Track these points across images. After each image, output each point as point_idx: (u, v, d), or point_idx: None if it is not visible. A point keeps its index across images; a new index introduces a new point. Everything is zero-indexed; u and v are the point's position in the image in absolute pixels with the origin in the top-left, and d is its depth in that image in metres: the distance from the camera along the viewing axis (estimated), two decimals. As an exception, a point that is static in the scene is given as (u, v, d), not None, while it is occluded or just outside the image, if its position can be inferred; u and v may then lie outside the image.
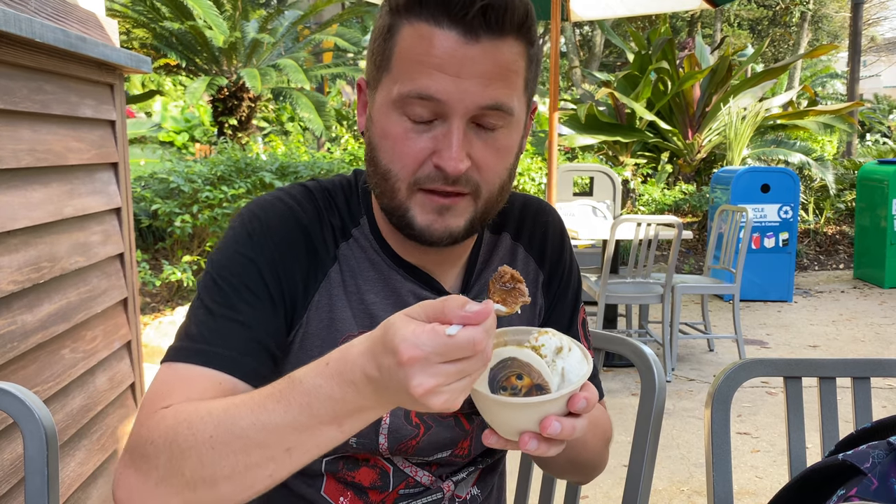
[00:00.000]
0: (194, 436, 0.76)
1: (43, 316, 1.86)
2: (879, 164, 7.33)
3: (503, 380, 0.74)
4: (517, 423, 0.74)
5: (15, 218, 1.74)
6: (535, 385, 0.74)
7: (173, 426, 0.79)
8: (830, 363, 1.21)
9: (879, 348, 5.17)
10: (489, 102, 0.86)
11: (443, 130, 0.87)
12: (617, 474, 3.05)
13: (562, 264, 1.10)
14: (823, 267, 8.10)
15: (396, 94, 0.87)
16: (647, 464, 1.18)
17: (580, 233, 4.73)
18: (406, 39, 0.87)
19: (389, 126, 0.89)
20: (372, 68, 0.92)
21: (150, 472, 0.78)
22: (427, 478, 1.03)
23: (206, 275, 0.93)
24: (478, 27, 0.84)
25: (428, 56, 0.85)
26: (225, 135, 10.36)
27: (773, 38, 24.06)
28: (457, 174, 0.86)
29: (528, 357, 0.75)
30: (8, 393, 1.04)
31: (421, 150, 0.88)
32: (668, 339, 4.53)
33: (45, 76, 1.93)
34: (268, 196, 0.99)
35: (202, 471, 0.75)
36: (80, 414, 2.06)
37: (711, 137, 9.14)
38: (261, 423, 0.74)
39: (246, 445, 0.74)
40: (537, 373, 0.75)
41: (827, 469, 0.84)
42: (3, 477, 1.65)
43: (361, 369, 0.70)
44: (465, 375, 0.67)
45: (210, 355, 0.86)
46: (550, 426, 0.72)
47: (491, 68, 0.85)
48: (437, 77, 0.84)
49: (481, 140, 0.89)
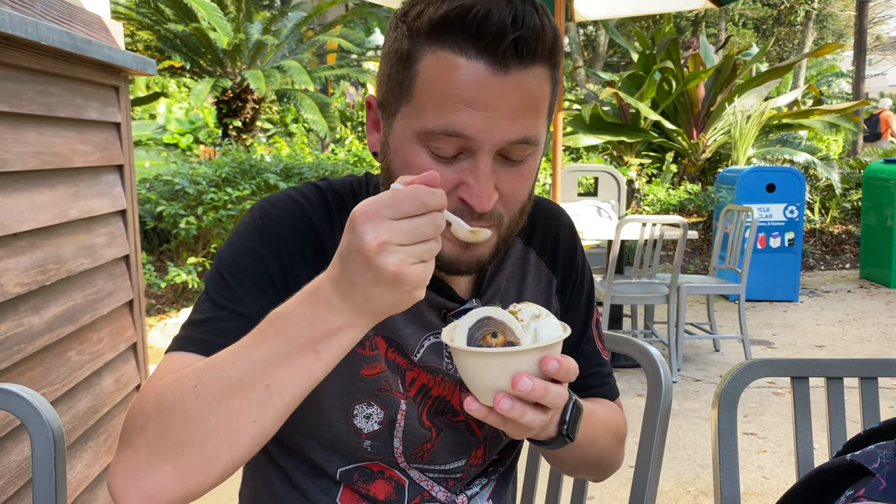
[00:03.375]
0: (179, 390, 0.75)
1: (49, 318, 1.86)
2: (885, 163, 7.30)
3: (479, 339, 0.76)
4: (489, 378, 0.76)
5: (21, 220, 1.75)
6: (509, 342, 0.75)
7: (160, 390, 0.77)
8: (838, 363, 1.21)
9: (886, 348, 5.15)
10: (518, 137, 0.83)
11: (469, 165, 0.84)
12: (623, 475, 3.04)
13: (574, 268, 1.09)
14: (829, 267, 8.07)
15: (420, 128, 0.83)
16: (653, 464, 1.17)
17: (585, 233, 4.73)
18: (430, 69, 0.82)
19: (411, 158, 0.85)
20: (388, 94, 0.88)
21: (141, 444, 0.76)
22: (443, 493, 1.01)
23: (213, 268, 0.92)
24: (508, 59, 0.80)
25: (455, 89, 0.80)
26: (229, 136, 10.38)
27: (777, 37, 24.01)
28: (485, 211, 0.84)
29: (502, 317, 0.77)
30: (15, 395, 1.04)
31: (447, 183, 0.83)
32: (673, 340, 4.52)
33: (50, 79, 1.93)
34: (280, 194, 0.98)
35: (188, 426, 0.73)
36: (87, 415, 2.06)
37: (716, 137, 9.12)
38: (240, 360, 0.74)
39: (227, 387, 0.73)
40: (510, 331, 0.76)
41: (835, 469, 0.84)
42: (10, 479, 1.66)
43: (327, 276, 0.72)
44: (419, 237, 0.68)
45: (211, 345, 0.84)
46: (520, 382, 0.73)
47: (519, 99, 0.82)
48: (466, 113, 0.81)
49: (507, 172, 0.86)
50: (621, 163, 9.21)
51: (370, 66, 13.50)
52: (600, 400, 1.08)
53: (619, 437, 1.07)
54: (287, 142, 10.28)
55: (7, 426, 1.64)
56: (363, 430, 0.95)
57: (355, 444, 0.95)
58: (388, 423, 0.96)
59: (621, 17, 9.45)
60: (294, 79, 10.13)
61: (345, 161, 7.80)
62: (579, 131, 8.87)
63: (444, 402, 0.99)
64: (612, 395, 1.12)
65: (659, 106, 9.06)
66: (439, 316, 0.98)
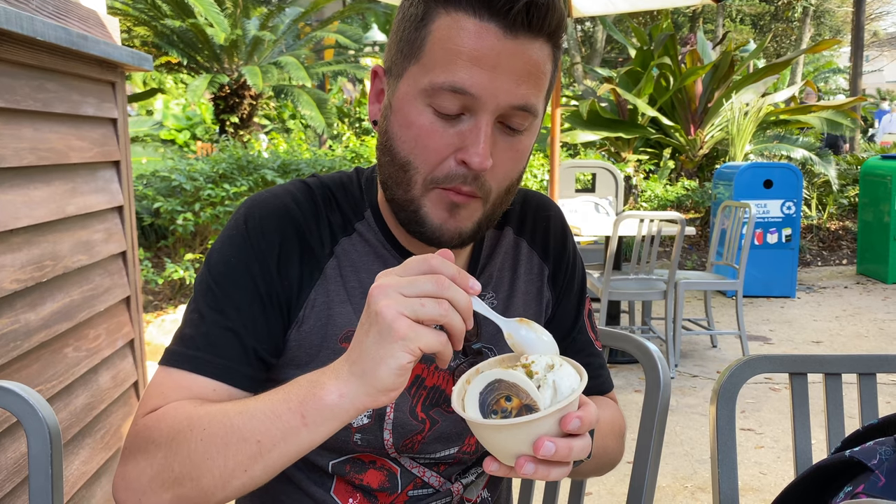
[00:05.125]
0: (191, 430, 0.80)
1: (46, 315, 1.86)
2: (882, 159, 7.30)
3: (493, 403, 0.73)
4: (510, 446, 0.72)
5: (17, 216, 1.74)
6: (525, 406, 0.72)
7: (174, 424, 0.82)
8: (836, 359, 1.21)
9: (883, 344, 5.16)
10: (520, 102, 0.85)
11: (470, 126, 0.86)
12: (621, 471, 3.04)
13: (566, 257, 1.10)
14: (826, 262, 8.09)
15: (428, 83, 0.85)
16: (651, 460, 1.17)
17: (583, 229, 4.73)
18: (442, 29, 0.85)
19: (413, 116, 0.87)
20: (397, 56, 0.90)
21: (147, 468, 0.81)
22: (435, 479, 1.02)
23: (201, 274, 0.94)
24: (518, 24, 0.83)
25: (466, 48, 0.83)
26: (226, 132, 10.36)
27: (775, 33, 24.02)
28: (482, 169, 0.86)
29: (514, 378, 0.74)
30: (11, 392, 1.04)
31: (446, 145, 0.86)
32: (671, 336, 4.52)
33: (46, 74, 1.92)
34: (265, 193, 0.98)
35: (189, 464, 0.79)
36: (84, 412, 2.06)
37: (714, 133, 9.12)
38: (244, 411, 0.78)
39: (227, 436, 0.77)
40: (525, 393, 0.73)
41: (834, 466, 0.84)
42: (7, 476, 1.65)
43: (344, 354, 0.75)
44: (418, 291, 0.70)
45: (203, 363, 0.89)
46: (543, 447, 0.70)
47: (524, 66, 0.85)
48: (473, 70, 0.83)
49: (504, 141, 0.88)
50: (619, 159, 9.21)
51: (368, 62, 13.48)
52: (601, 400, 1.09)
53: (621, 435, 1.08)
54: (284, 138, 10.27)
55: (3, 423, 1.63)
56: (353, 424, 0.95)
57: (345, 437, 0.96)
58: (378, 417, 0.96)
59: (619, 13, 9.45)
60: (291, 75, 10.12)
61: (342, 157, 7.80)
62: (577, 127, 8.86)
63: (439, 392, 0.99)
64: (606, 388, 1.12)
65: (656, 102, 9.06)
66: None
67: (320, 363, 0.94)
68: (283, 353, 0.95)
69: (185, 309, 0.95)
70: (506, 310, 1.04)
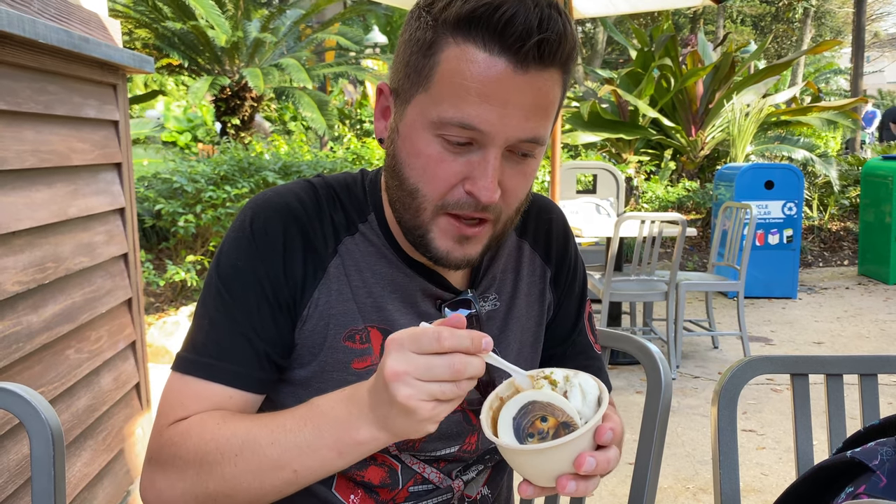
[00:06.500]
0: (222, 455, 0.85)
1: (48, 316, 1.86)
2: (883, 159, 7.30)
3: (528, 426, 0.73)
4: (552, 467, 0.72)
5: (19, 219, 1.74)
6: (562, 423, 0.72)
7: (201, 445, 0.86)
8: (837, 360, 1.21)
9: (884, 344, 5.16)
10: (528, 136, 0.86)
11: (478, 158, 0.86)
12: (623, 472, 3.03)
13: (567, 260, 1.11)
14: (828, 263, 8.08)
15: (436, 117, 0.85)
16: (653, 461, 1.17)
17: (584, 230, 4.73)
18: (451, 60, 0.84)
19: (422, 146, 0.87)
20: (404, 81, 0.89)
21: (177, 482, 0.87)
22: (435, 475, 1.02)
23: (210, 278, 0.95)
24: (529, 59, 0.82)
25: (475, 83, 0.82)
26: (228, 134, 10.37)
27: (775, 34, 24.01)
28: (489, 203, 0.86)
29: (546, 397, 0.74)
30: (13, 393, 1.04)
31: (454, 174, 0.86)
32: (672, 337, 4.52)
33: (48, 77, 1.93)
34: (269, 192, 0.99)
35: (224, 485, 0.85)
36: (86, 414, 2.06)
37: (715, 134, 9.12)
38: (278, 443, 0.83)
39: (262, 464, 0.83)
40: (560, 410, 0.73)
41: (835, 466, 0.84)
42: (9, 477, 1.65)
43: (367, 384, 0.78)
44: (433, 376, 0.71)
45: (218, 370, 0.91)
46: (585, 462, 0.72)
47: (533, 100, 0.84)
48: (482, 108, 0.82)
49: (511, 168, 0.88)
50: (620, 160, 9.21)
51: (369, 63, 13.48)
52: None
53: (623, 439, 1.08)
54: (286, 140, 10.27)
55: (6, 425, 1.64)
56: None
57: None
58: None
59: (620, 15, 9.44)
60: (292, 76, 10.11)
61: (343, 159, 7.79)
62: (578, 129, 8.87)
63: None
64: None
65: (657, 103, 9.06)
66: (434, 305, 1.00)
67: (322, 361, 0.95)
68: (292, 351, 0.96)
69: (194, 311, 0.96)
70: (508, 311, 1.05)
